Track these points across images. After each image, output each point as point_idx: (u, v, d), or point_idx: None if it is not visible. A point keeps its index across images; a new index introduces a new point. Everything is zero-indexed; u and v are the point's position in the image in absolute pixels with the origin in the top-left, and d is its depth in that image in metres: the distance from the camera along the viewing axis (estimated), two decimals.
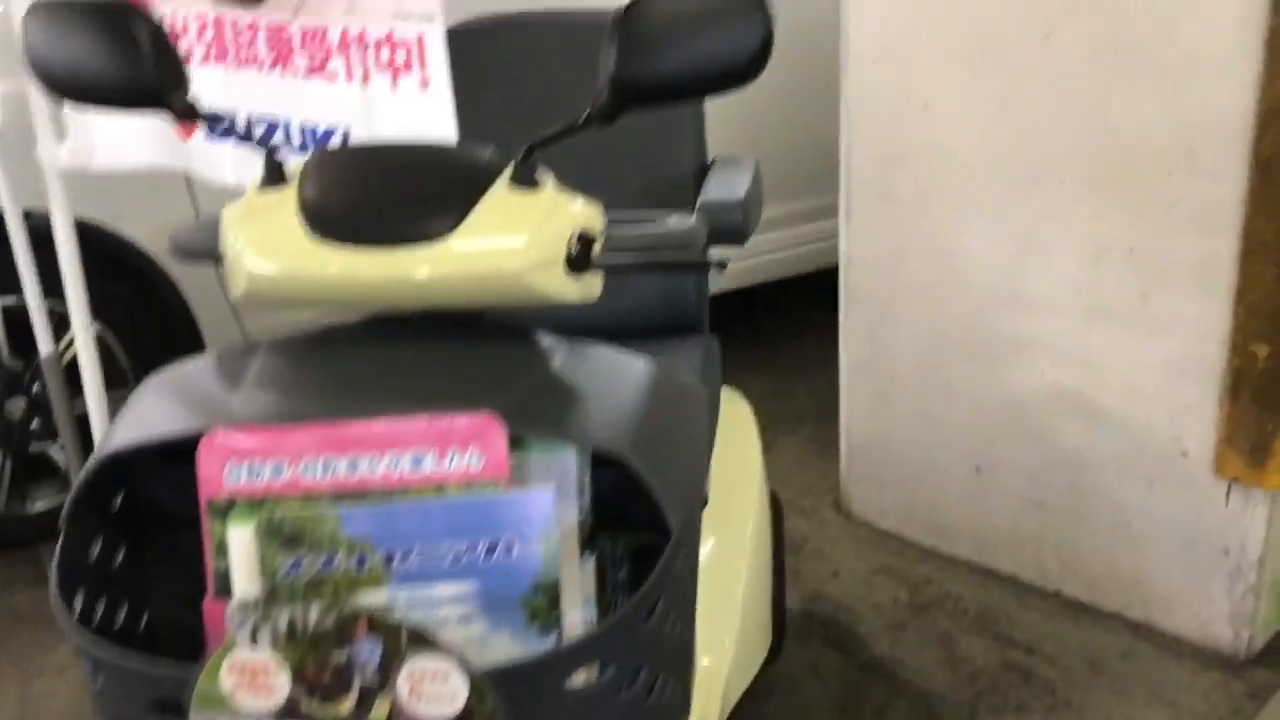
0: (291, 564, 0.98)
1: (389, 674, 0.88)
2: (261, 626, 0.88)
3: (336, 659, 0.88)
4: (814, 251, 3.30)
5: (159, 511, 1.13)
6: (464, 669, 0.88)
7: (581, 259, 1.07)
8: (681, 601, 1.11)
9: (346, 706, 0.89)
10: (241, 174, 1.53)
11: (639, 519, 1.07)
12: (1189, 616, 2.13)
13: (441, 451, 0.99)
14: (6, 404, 2.50)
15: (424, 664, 0.88)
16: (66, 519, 1.03)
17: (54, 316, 2.15)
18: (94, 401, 1.95)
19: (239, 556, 0.98)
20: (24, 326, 2.25)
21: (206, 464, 0.99)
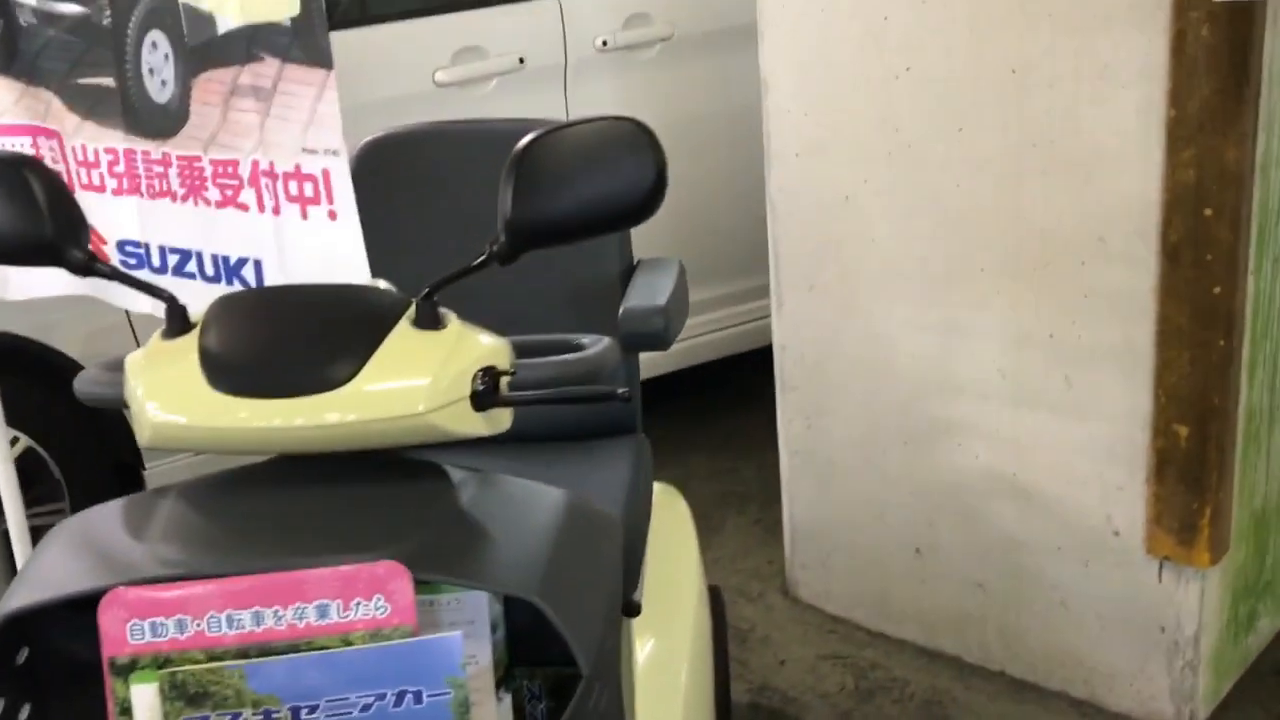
0: None
1: None
2: None
3: None
4: (751, 330, 3.33)
5: (67, 662, 1.11)
6: None
7: (487, 395, 1.08)
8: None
9: None
10: (156, 303, 1.53)
11: (556, 652, 1.07)
12: (1131, 694, 2.14)
13: (347, 601, 0.99)
14: None
15: None
16: None
17: None
18: (13, 522, 1.92)
19: (142, 717, 0.97)
20: None
21: (108, 623, 0.98)
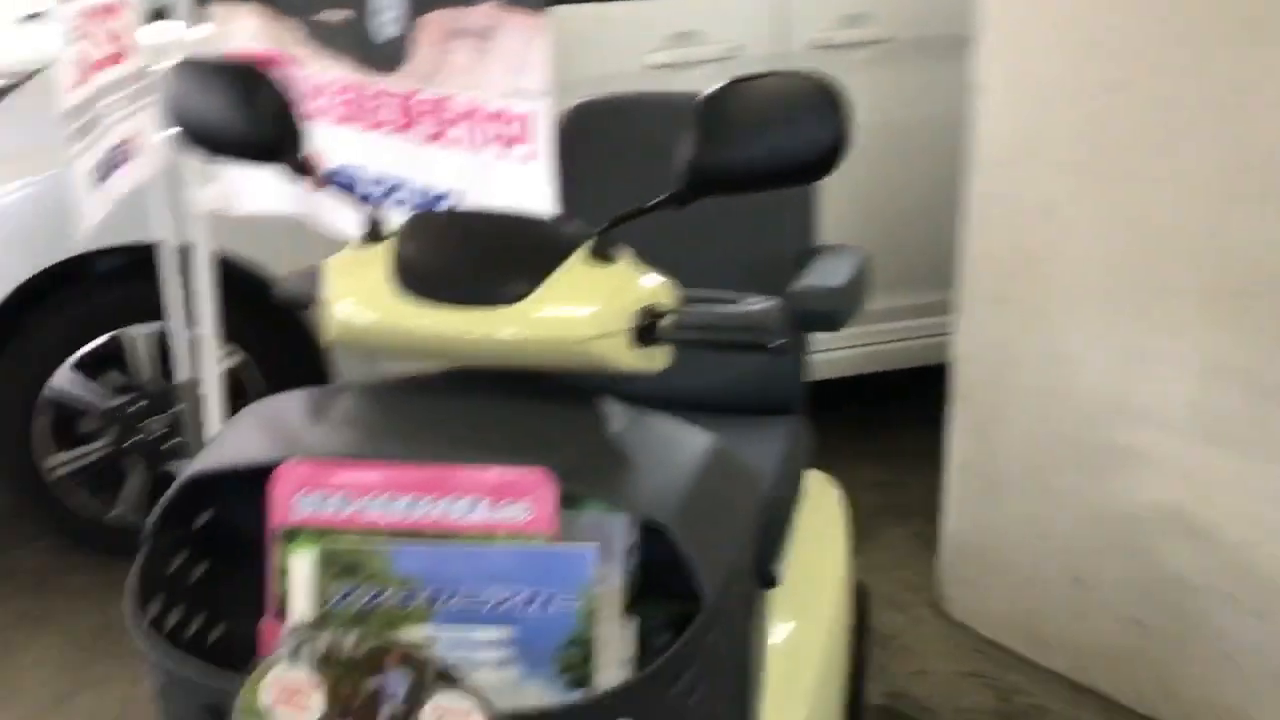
0: (344, 593, 1.05)
1: (415, 707, 0.93)
2: (304, 648, 0.94)
3: (368, 686, 0.93)
4: (930, 346, 3.28)
5: (239, 533, 1.21)
6: (485, 711, 0.92)
7: (647, 333, 1.12)
8: (717, 677, 1.13)
9: None
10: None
11: (688, 591, 1.10)
12: None
13: (494, 502, 1.04)
14: (149, 422, 2.68)
15: (448, 701, 0.93)
16: (150, 532, 1.12)
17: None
18: (217, 423, 2.09)
19: (298, 581, 1.05)
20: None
21: (278, 493, 1.06)
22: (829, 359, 3.24)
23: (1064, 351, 2.22)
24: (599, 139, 1.90)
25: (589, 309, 1.09)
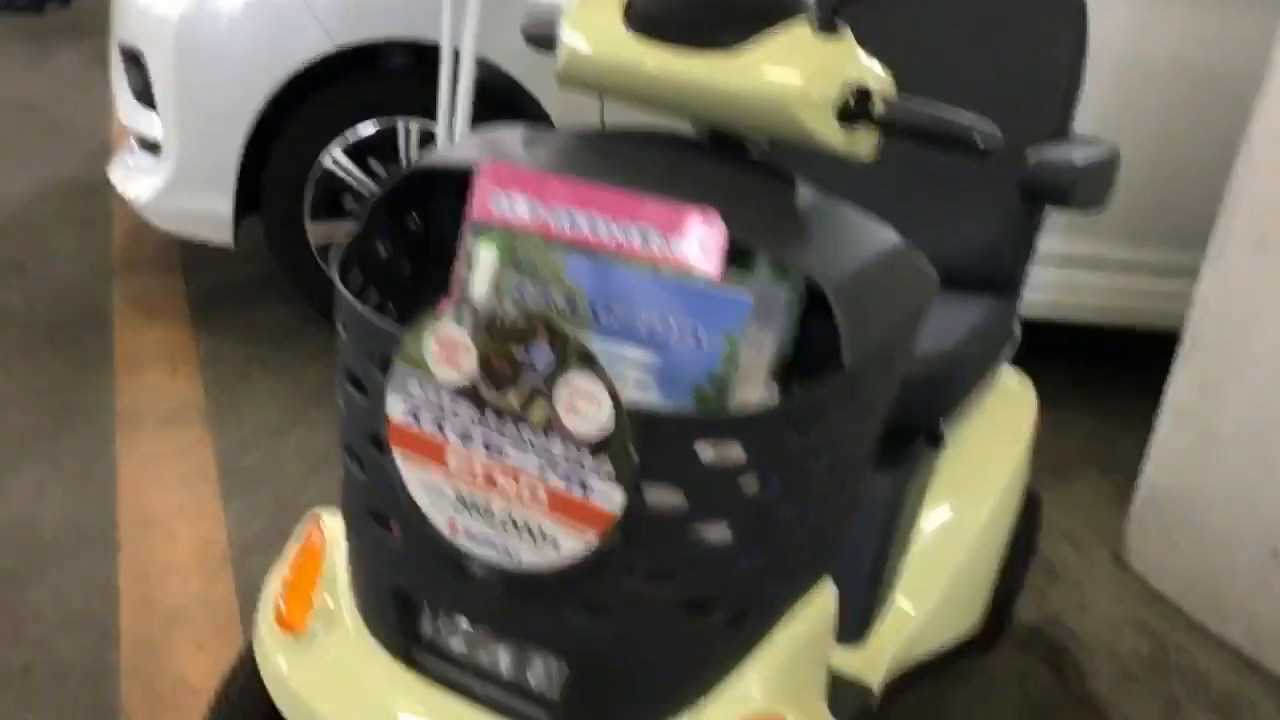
0: (518, 288, 1.13)
1: (553, 381, 1.00)
2: (467, 310, 1.02)
3: (516, 354, 1.01)
4: (1169, 310, 3.11)
5: (448, 245, 1.31)
6: (615, 396, 0.98)
7: (858, 109, 1.13)
8: (841, 468, 1.15)
9: (514, 400, 1.03)
10: None
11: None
12: None
13: (668, 234, 1.09)
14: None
15: (583, 382, 0.99)
16: (368, 212, 1.23)
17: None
18: None
19: (481, 271, 1.14)
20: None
21: (479, 189, 1.15)
22: (1060, 301, 3.13)
23: None
24: None
25: (803, 69, 1.12)
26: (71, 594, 1.94)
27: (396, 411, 1.08)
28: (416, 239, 1.33)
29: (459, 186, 1.30)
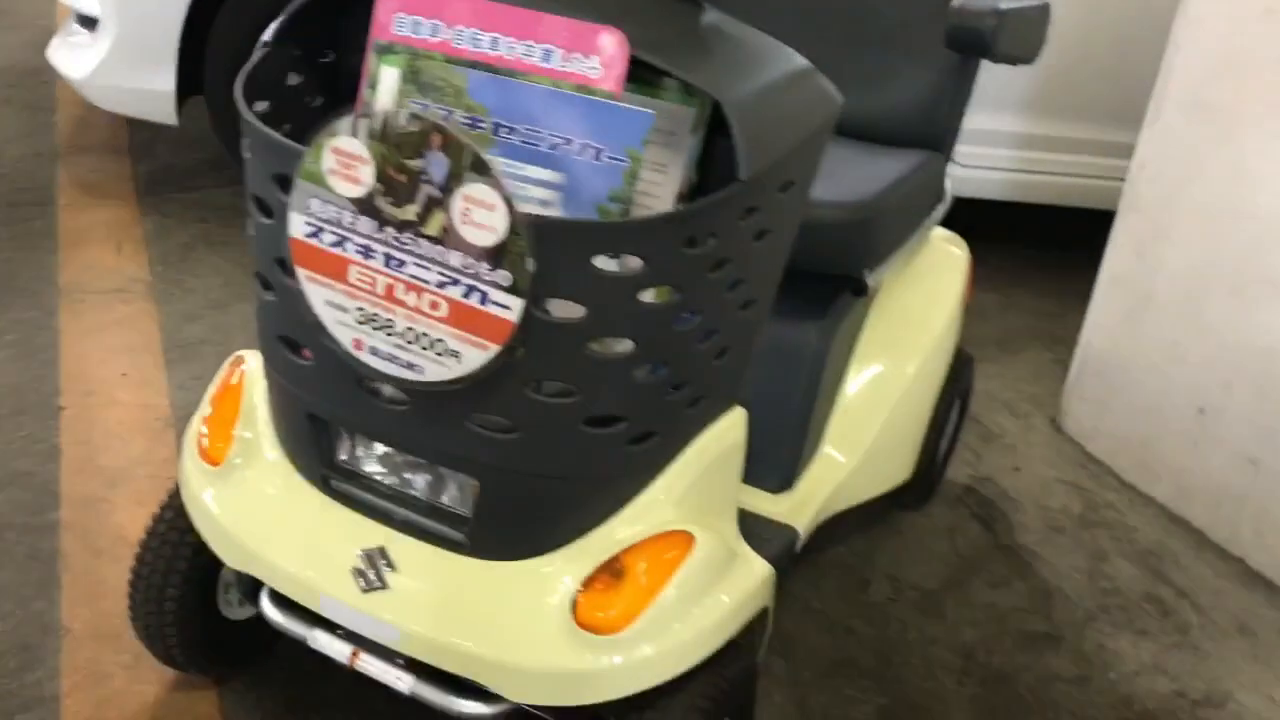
0: (420, 107, 1.13)
1: (449, 190, 1.01)
2: (362, 122, 1.03)
3: (413, 165, 1.02)
4: (1106, 189, 3.13)
5: (354, 76, 1.31)
6: (509, 204, 0.99)
7: None
8: (743, 287, 1.17)
9: (411, 212, 1.04)
10: None
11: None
12: None
13: (569, 52, 1.10)
14: None
15: (478, 190, 1.00)
16: (272, 39, 1.22)
17: None
18: None
19: (383, 90, 1.14)
20: None
21: (382, 11, 1.14)
22: (1012, 180, 3.14)
23: (1253, 168, 2.08)
24: None
25: None
26: (12, 456, 1.96)
27: (299, 230, 1.09)
28: (329, 72, 1.32)
29: (369, 17, 1.29)
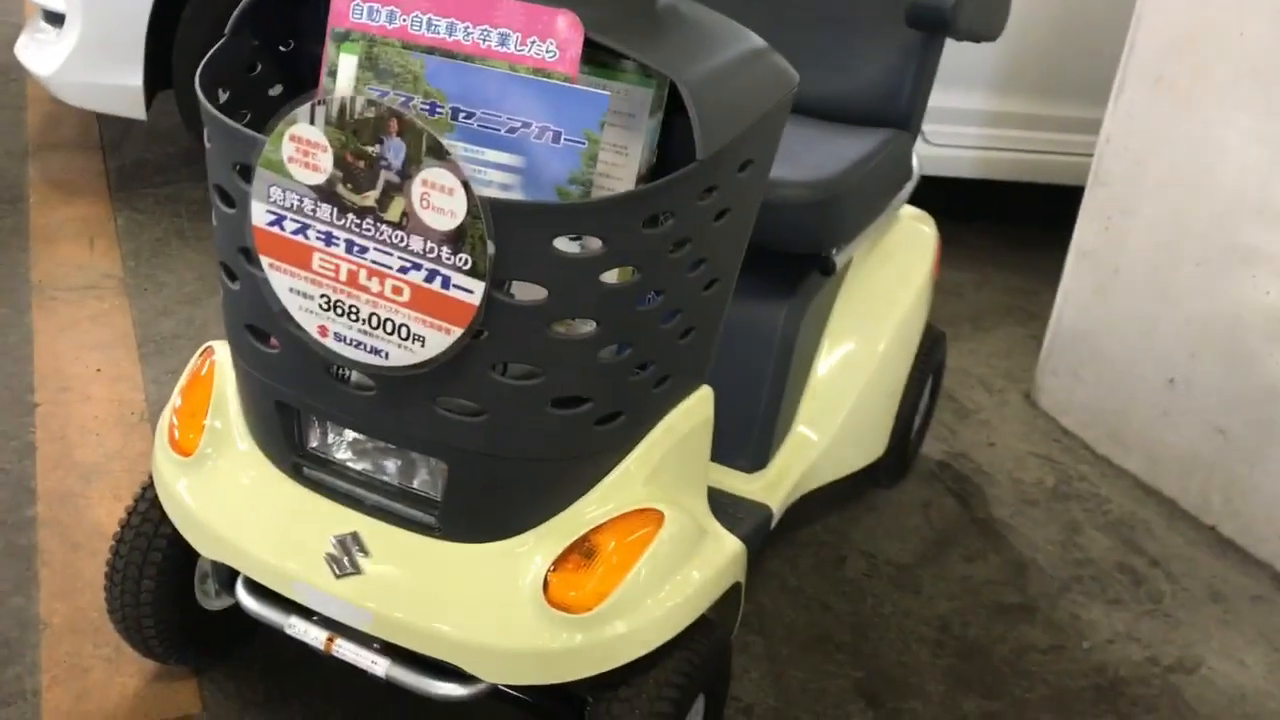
0: (379, 94, 1.14)
1: (408, 175, 1.02)
2: (319, 109, 1.03)
3: (370, 151, 1.02)
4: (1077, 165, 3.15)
5: (314, 64, 1.31)
6: (467, 187, 1.00)
7: None
8: (704, 266, 1.18)
9: (371, 198, 1.04)
10: None
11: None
12: None
13: (524, 36, 1.10)
14: None
15: (436, 175, 1.01)
16: (230, 29, 1.23)
17: None
18: None
19: (342, 78, 1.15)
20: None
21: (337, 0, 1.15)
22: (983, 159, 3.16)
23: (1214, 139, 2.11)
24: None
25: None
26: None
27: (261, 219, 1.10)
28: (289, 62, 1.32)
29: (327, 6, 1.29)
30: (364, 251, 1.06)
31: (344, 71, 1.15)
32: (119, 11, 2.74)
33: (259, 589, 1.32)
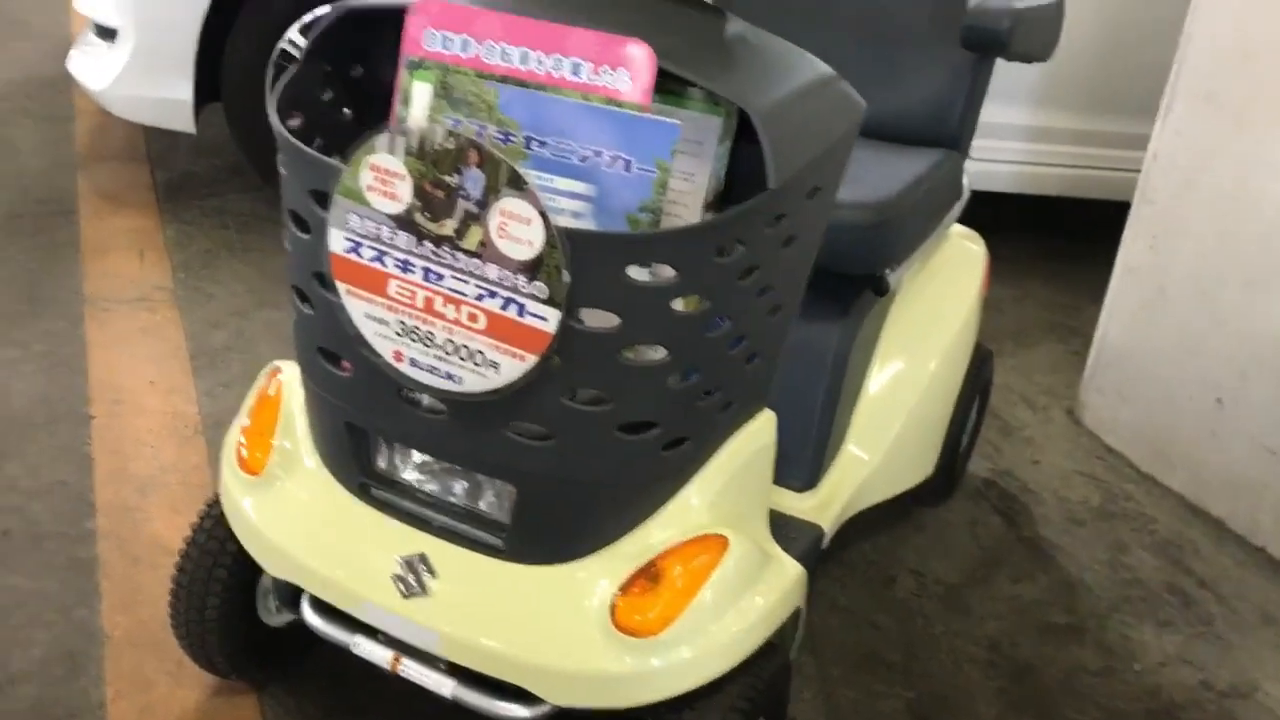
0: (453, 122, 1.15)
1: (486, 205, 1.03)
2: (399, 139, 1.05)
3: (449, 180, 1.04)
4: (1120, 180, 3.14)
5: (388, 91, 1.33)
6: (545, 218, 1.02)
7: None
8: (771, 293, 1.19)
9: (449, 226, 1.06)
10: None
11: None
12: None
13: (597, 65, 1.12)
14: None
15: (514, 205, 1.02)
16: (304, 55, 1.25)
17: None
18: None
19: (416, 105, 1.17)
20: None
21: (413, 26, 1.17)
22: (1025, 173, 3.15)
23: (1265, 158, 2.10)
24: None
25: None
26: (46, 466, 1.99)
27: (338, 246, 1.11)
28: (359, 86, 1.34)
29: (399, 33, 1.31)
30: (441, 279, 1.08)
31: (417, 99, 1.17)
32: (170, 27, 2.78)
33: (325, 607, 1.33)
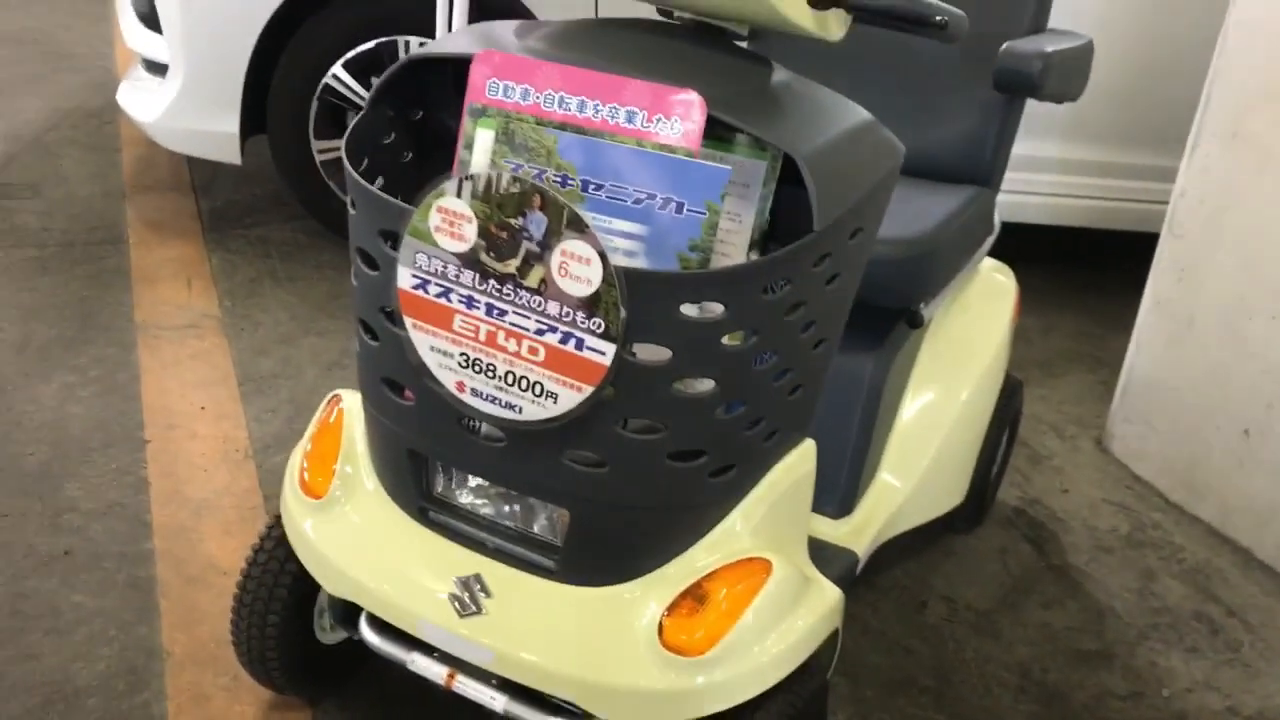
0: (514, 166, 1.22)
1: (547, 246, 1.10)
2: (466, 184, 1.11)
3: (513, 223, 1.10)
4: (1145, 212, 3.18)
5: (448, 135, 1.40)
6: (603, 257, 1.08)
7: None
8: (815, 328, 1.25)
9: (512, 265, 1.12)
10: None
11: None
12: None
13: (651, 114, 1.18)
14: None
15: (575, 246, 1.09)
16: (371, 100, 1.32)
17: None
18: None
19: (479, 151, 1.23)
20: None
21: (475, 76, 1.23)
22: (1052, 205, 3.21)
23: None
24: None
25: None
26: (104, 487, 2.06)
27: (406, 282, 1.18)
28: (418, 129, 1.41)
29: (457, 80, 1.38)
30: (503, 314, 1.14)
31: (480, 145, 1.23)
32: (219, 63, 2.87)
33: (382, 625, 1.39)
